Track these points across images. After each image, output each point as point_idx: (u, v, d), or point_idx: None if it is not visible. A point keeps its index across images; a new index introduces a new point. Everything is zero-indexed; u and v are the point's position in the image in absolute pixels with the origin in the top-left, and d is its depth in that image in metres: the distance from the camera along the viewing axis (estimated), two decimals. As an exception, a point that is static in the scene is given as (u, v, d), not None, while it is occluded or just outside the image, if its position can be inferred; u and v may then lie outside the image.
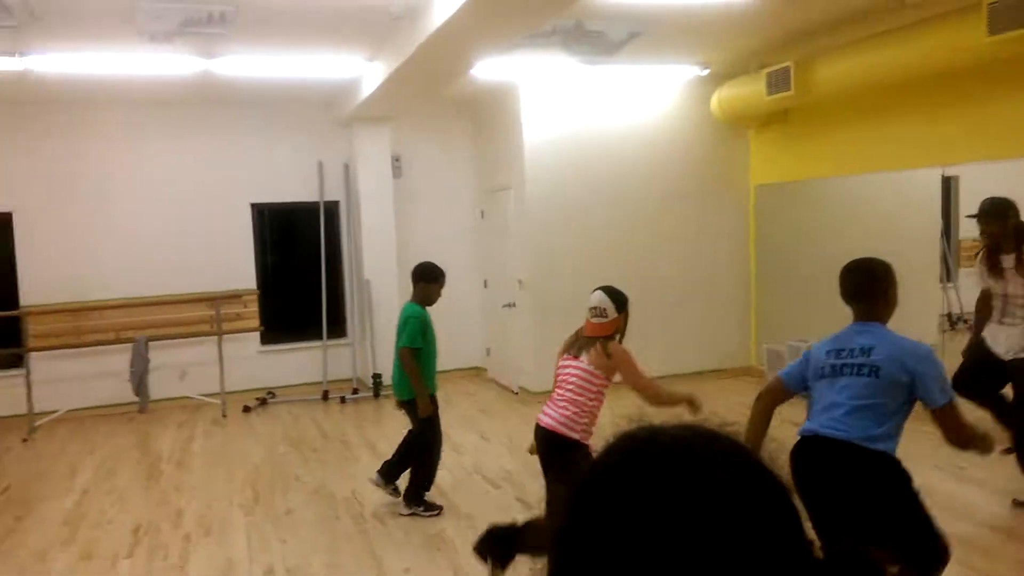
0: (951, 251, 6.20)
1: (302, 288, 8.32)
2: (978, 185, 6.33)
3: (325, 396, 7.80)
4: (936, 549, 2.66)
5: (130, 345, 7.10)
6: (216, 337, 7.46)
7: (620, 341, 3.52)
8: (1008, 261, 4.33)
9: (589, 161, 7.42)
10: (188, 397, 7.71)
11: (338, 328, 8.41)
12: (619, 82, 7.43)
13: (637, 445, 0.63)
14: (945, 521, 4.18)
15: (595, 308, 3.49)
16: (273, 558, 4.15)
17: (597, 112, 7.42)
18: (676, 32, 6.11)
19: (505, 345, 7.92)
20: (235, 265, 7.97)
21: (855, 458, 2.59)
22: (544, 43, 5.97)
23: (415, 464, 4.68)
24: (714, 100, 7.53)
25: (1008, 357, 4.37)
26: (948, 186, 6.12)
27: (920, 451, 5.11)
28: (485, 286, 8.39)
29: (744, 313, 8.07)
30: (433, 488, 5.09)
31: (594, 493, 0.61)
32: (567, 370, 3.54)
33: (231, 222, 7.97)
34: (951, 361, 4.80)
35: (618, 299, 3.50)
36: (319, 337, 8.16)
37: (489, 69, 6.48)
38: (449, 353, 4.89)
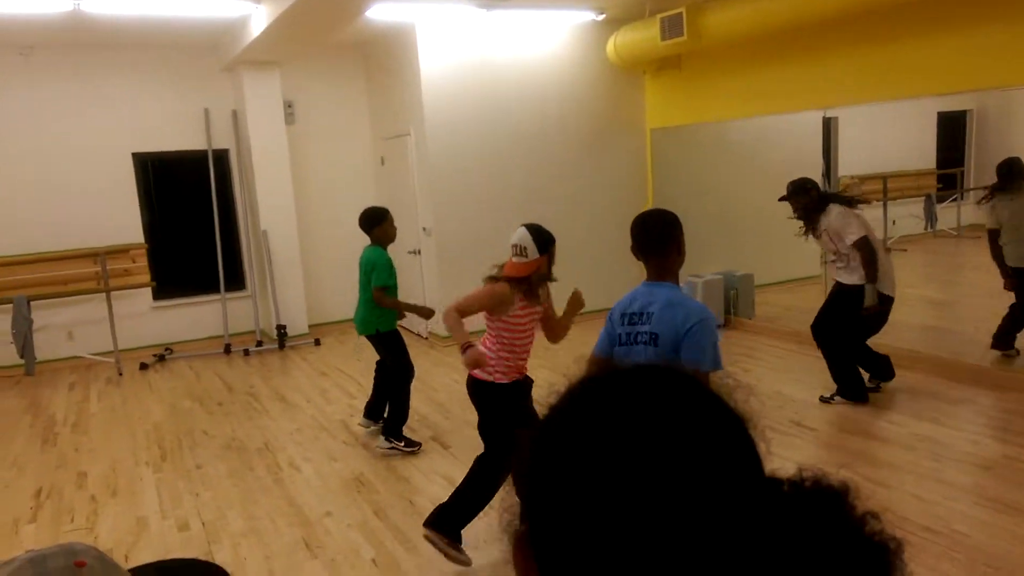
0: (832, 188, 6.64)
1: (195, 240, 8.00)
2: (853, 124, 6.79)
3: (227, 350, 7.61)
4: None
5: (9, 305, 6.67)
6: (104, 294, 7.10)
7: (542, 283, 3.31)
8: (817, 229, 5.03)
9: (488, 106, 7.41)
10: (79, 357, 7.35)
11: (236, 280, 8.17)
12: (517, 26, 7.41)
13: (595, 384, 0.63)
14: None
15: (516, 246, 3.22)
16: (187, 513, 4.10)
17: (496, 56, 7.39)
18: (573, -25, 6.15)
19: (412, 291, 7.91)
20: (119, 218, 7.56)
21: None
22: (441, -15, 5.88)
23: (392, 398, 4.83)
24: (610, 45, 7.64)
25: (840, 280, 5.04)
26: (828, 127, 6.52)
27: (816, 380, 5.56)
28: (388, 234, 8.32)
29: (641, 253, 8.38)
30: (347, 431, 5.15)
31: (557, 434, 0.60)
32: None
33: (112, 173, 7.52)
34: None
35: (541, 238, 3.22)
36: (217, 290, 7.90)
37: (385, 11, 6.33)
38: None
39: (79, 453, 5.11)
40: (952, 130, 11.54)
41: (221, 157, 8.00)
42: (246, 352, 7.56)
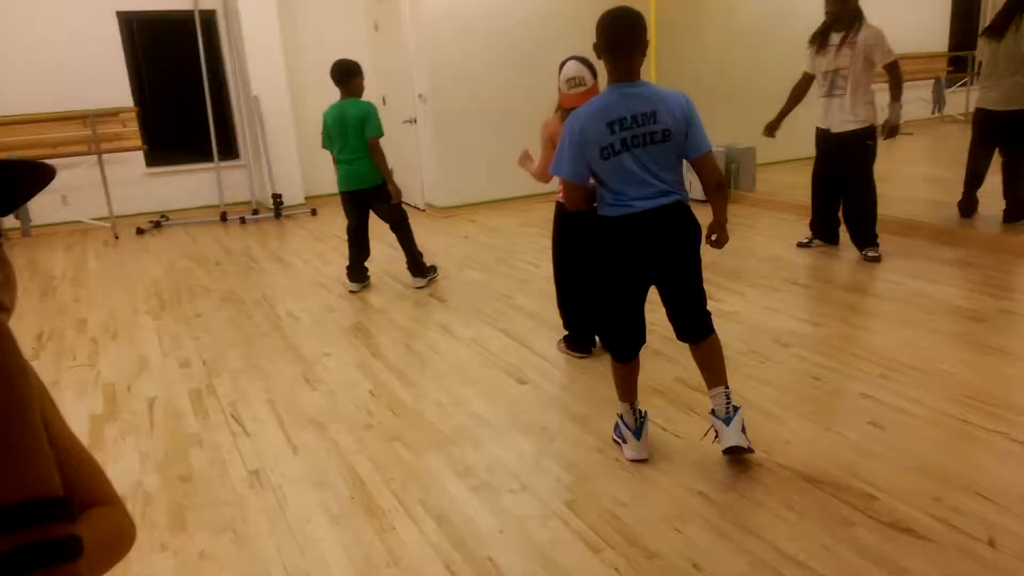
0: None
1: (186, 106, 7.81)
2: (864, 2, 6.48)
3: (224, 217, 7.56)
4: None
5: None
6: (96, 157, 6.99)
7: None
8: (836, 39, 4.83)
9: (489, -34, 7.08)
10: (77, 221, 7.31)
11: (230, 149, 8.03)
12: None
13: None
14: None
15: (572, 79, 3.29)
16: (188, 353, 4.16)
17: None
18: None
19: (408, 163, 7.81)
20: (107, 81, 7.35)
21: (680, 215, 2.59)
22: None
23: (403, 242, 5.00)
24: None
25: (836, 130, 4.90)
26: None
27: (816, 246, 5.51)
28: (384, 103, 8.11)
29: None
30: (341, 287, 5.17)
31: None
32: None
33: (96, 33, 7.27)
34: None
35: (592, 67, 3.31)
36: (210, 158, 7.77)
37: None
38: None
39: (78, 303, 5.14)
40: (966, 10, 11.09)
41: (209, 19, 7.71)
42: (242, 220, 7.51)
